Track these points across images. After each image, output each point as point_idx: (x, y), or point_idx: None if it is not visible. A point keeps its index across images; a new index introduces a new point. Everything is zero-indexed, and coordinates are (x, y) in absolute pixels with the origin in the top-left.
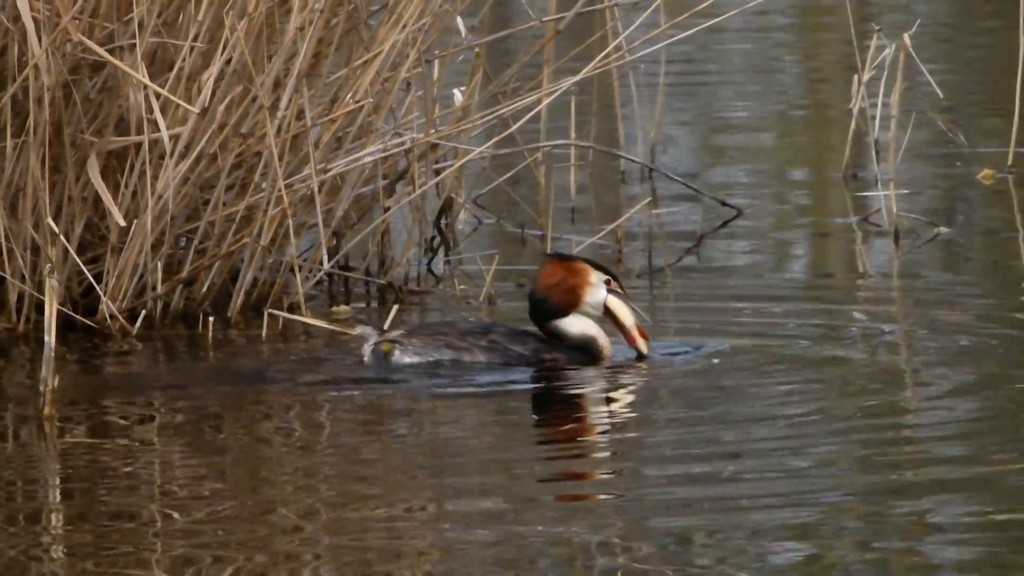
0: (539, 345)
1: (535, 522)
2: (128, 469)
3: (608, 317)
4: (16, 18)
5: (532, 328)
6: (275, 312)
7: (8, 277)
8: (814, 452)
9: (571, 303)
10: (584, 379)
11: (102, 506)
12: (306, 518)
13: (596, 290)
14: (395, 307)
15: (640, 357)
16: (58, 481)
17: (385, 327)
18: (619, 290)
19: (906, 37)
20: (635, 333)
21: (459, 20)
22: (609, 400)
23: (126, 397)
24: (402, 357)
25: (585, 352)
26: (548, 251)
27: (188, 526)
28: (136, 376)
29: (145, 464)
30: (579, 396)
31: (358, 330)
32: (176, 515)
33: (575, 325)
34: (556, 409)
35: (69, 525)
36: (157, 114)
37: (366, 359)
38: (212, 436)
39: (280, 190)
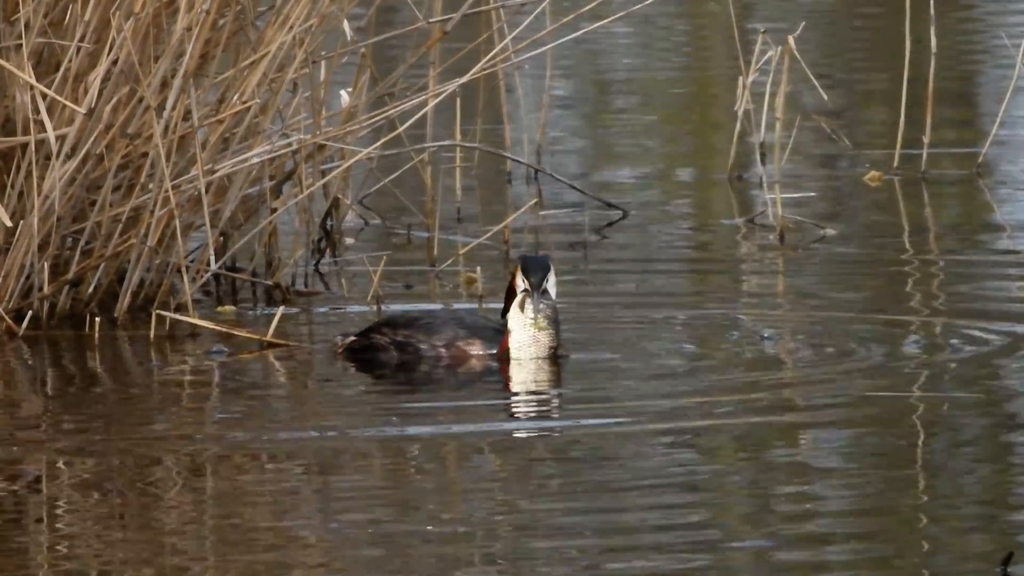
0: (456, 332)
1: None
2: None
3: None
4: None
5: (463, 314)
6: (162, 313)
7: None
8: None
9: (511, 302)
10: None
11: None
12: None
13: (520, 292)
14: (281, 308)
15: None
16: None
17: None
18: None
19: (790, 39)
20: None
21: (345, 22)
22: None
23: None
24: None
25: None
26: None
27: None
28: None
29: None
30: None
31: (334, 339)
32: None
33: (514, 319)
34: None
35: None
36: (44, 114)
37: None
38: (107, 490)
39: (167, 191)
